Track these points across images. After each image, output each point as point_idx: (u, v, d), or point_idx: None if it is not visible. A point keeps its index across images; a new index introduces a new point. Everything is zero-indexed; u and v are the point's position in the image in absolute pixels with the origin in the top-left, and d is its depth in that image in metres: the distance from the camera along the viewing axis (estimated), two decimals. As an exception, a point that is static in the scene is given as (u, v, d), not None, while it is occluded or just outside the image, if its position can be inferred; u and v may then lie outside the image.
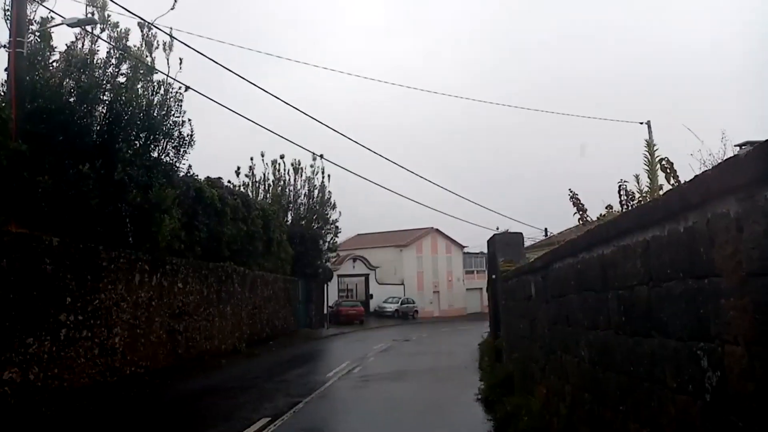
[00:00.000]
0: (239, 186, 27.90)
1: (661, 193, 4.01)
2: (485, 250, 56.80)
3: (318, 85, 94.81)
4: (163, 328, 13.07)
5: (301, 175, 30.36)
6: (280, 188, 30.05)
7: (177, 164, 13.74)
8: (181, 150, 14.03)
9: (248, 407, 9.26)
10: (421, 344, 23.39)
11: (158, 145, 13.59)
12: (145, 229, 12.20)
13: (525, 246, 16.56)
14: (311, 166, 30.40)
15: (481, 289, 57.40)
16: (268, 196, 29.50)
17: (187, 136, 14.01)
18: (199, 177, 17.63)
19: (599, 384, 4.27)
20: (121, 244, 11.65)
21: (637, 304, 3.39)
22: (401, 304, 44.20)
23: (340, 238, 50.37)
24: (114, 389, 10.56)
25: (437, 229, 52.02)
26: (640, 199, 3.99)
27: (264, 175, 30.28)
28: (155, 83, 13.58)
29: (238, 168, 29.62)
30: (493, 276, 14.91)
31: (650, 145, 4.01)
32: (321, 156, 30.35)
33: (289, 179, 30.43)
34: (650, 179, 3.92)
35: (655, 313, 3.11)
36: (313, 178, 30.46)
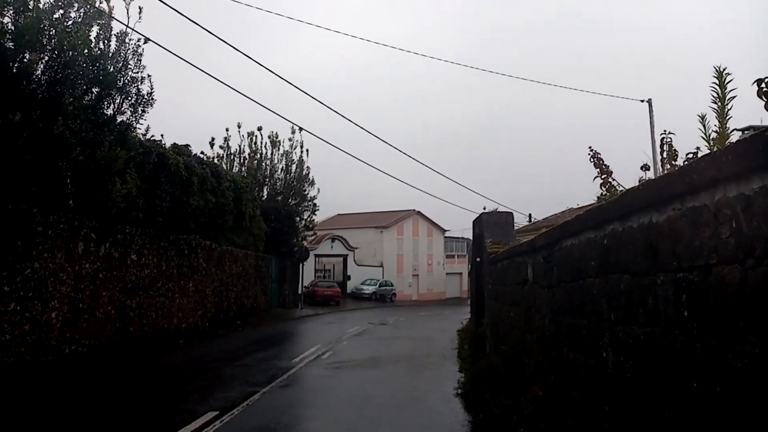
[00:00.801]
0: (213, 158, 26.45)
1: (732, 140, 2.90)
2: (466, 235, 55.04)
3: (301, 62, 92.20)
4: (112, 303, 11.77)
5: (279, 149, 28.96)
6: (256, 162, 28.62)
7: (134, 124, 12.31)
8: (139, 109, 12.60)
9: (196, 397, 8.08)
10: (398, 328, 22.40)
11: (113, 102, 12.16)
12: (91, 192, 10.83)
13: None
14: (290, 140, 29.01)
15: (461, 273, 56.76)
16: (243, 169, 28.11)
17: (147, 94, 12.57)
18: (164, 143, 16.22)
19: (632, 398, 3.18)
20: (61, 208, 10.28)
21: (716, 291, 2.28)
22: (379, 286, 43.19)
23: (319, 217, 49.16)
24: (45, 369, 9.29)
25: (419, 212, 51.02)
26: (708, 147, 2.84)
27: (240, 147, 28.85)
28: (110, 33, 12.11)
29: (212, 139, 28.15)
30: (478, 258, 13.88)
31: (721, 74, 2.85)
32: (300, 129, 28.93)
33: (266, 153, 29.01)
34: (719, 121, 2.78)
35: (760, 305, 1.99)
36: (291, 152, 29.09)
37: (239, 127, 28.50)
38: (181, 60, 12.65)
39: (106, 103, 11.89)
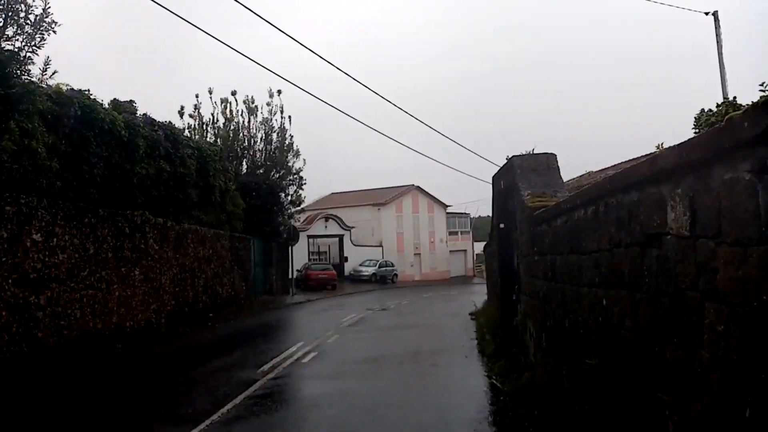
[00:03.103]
0: (184, 129, 23.02)
1: None
2: (468, 210, 51.35)
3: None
4: (2, 302, 8.47)
5: (257, 116, 25.44)
6: (232, 132, 25.13)
7: (21, 54, 8.90)
8: (34, 35, 9.21)
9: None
10: (401, 314, 19.20)
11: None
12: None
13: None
14: (268, 104, 25.44)
15: (465, 251, 53.43)
16: (218, 141, 24.67)
17: (41, 13, 9.17)
18: (95, 96, 12.73)
19: None
20: None
21: None
22: (379, 267, 39.86)
23: (313, 197, 45.61)
24: None
25: (418, 187, 47.56)
26: None
27: (213, 116, 25.33)
28: None
29: (182, 108, 24.66)
30: (502, 225, 10.58)
31: None
32: (279, 92, 25.55)
33: (243, 121, 25.50)
34: None
35: None
36: (271, 119, 25.54)
37: (210, 93, 25.00)
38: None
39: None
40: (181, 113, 24.51)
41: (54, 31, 9.46)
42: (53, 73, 9.68)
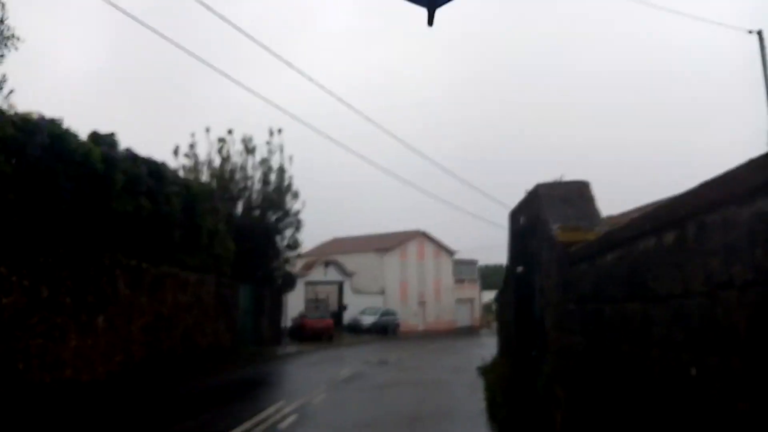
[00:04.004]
0: (179, 169, 21.95)
1: None
2: (475, 256, 48.82)
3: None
4: None
5: (255, 156, 24.44)
6: (229, 172, 24.05)
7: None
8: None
9: None
10: (402, 369, 17.45)
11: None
12: None
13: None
14: (267, 143, 24.42)
15: (471, 300, 51.31)
16: (213, 182, 23.55)
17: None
18: (69, 127, 11.57)
19: None
20: None
21: None
22: (380, 316, 37.89)
23: (315, 242, 44.21)
24: None
25: (424, 233, 46.09)
26: None
27: (209, 156, 24.30)
28: None
29: (177, 147, 23.65)
30: (520, 268, 9.12)
31: None
32: (279, 130, 24.64)
33: (241, 161, 24.48)
34: None
35: None
36: (270, 159, 24.48)
37: (207, 131, 24.05)
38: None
39: None
40: (175, 152, 23.49)
41: (16, 48, 8.42)
42: (9, 93, 8.51)
